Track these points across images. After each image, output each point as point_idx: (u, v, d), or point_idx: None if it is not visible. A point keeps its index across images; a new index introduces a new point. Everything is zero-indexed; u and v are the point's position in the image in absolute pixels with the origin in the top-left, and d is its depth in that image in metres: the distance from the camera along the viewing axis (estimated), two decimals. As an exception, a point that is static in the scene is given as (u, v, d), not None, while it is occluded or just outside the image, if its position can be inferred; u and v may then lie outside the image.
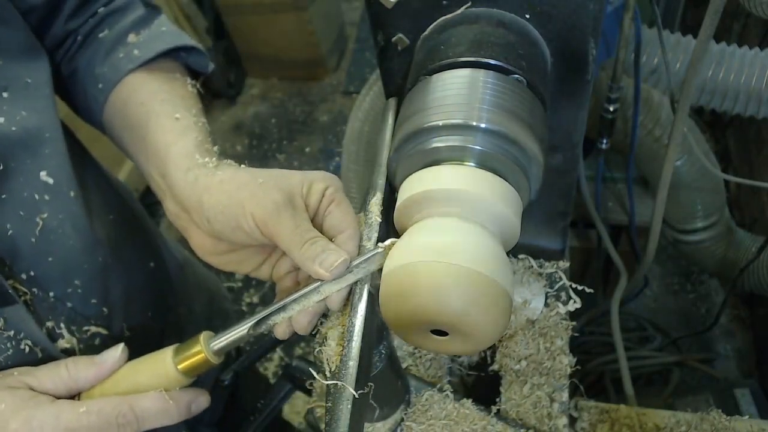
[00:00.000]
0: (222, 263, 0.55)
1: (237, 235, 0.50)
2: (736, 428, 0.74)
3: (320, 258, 0.46)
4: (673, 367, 1.51)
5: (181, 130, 0.56)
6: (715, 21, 0.67)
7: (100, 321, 0.61)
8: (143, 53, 0.61)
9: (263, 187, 0.49)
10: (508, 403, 0.71)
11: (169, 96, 0.59)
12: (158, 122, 0.57)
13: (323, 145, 2.64)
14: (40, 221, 0.54)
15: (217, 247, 0.53)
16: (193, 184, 0.52)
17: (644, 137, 1.17)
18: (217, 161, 0.54)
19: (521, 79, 0.48)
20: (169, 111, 0.57)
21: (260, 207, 0.48)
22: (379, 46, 0.57)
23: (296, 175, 0.51)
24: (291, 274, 0.55)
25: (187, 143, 0.55)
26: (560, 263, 0.79)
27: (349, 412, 0.41)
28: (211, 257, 0.54)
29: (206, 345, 0.50)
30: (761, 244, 1.31)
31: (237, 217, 0.48)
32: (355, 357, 0.43)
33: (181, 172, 0.53)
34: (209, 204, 0.50)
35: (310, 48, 2.74)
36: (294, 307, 0.48)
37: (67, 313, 0.58)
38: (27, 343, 0.53)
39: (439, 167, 0.46)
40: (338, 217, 0.50)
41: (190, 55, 0.66)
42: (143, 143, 0.57)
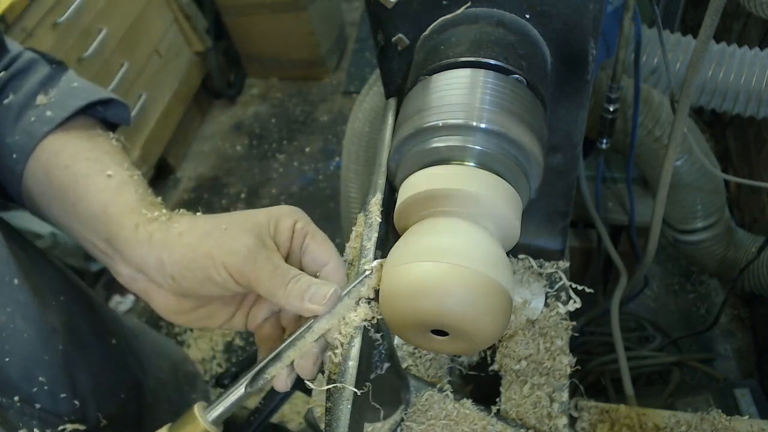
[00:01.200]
0: (191, 321, 0.51)
1: (207, 288, 0.46)
2: (736, 428, 0.74)
3: (309, 293, 0.43)
4: (673, 367, 1.51)
5: (117, 187, 0.51)
6: (715, 21, 0.67)
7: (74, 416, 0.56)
8: (57, 113, 0.54)
9: (230, 234, 0.45)
10: (508, 403, 0.71)
11: (94, 154, 0.53)
12: (89, 184, 0.51)
13: (323, 145, 2.64)
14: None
15: (184, 304, 0.49)
16: (147, 242, 0.47)
17: (644, 137, 1.17)
18: (168, 213, 0.49)
19: (521, 79, 0.48)
20: (98, 170, 0.52)
21: (232, 254, 0.44)
22: (379, 46, 0.57)
23: (260, 214, 0.47)
24: (270, 319, 0.52)
25: (127, 200, 0.50)
26: (560, 263, 0.79)
27: (349, 412, 0.41)
28: (177, 317, 0.50)
29: (202, 417, 0.46)
30: (761, 244, 1.31)
31: (206, 269, 0.45)
32: (355, 357, 0.43)
33: (129, 231, 0.48)
34: (171, 260, 0.46)
35: (310, 48, 2.75)
36: (290, 354, 0.45)
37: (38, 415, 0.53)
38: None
39: (439, 167, 0.46)
40: (317, 251, 0.47)
41: (108, 109, 0.60)
42: (75, 210, 0.51)
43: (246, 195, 2.50)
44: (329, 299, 0.43)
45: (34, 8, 1.72)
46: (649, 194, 1.36)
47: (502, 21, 0.50)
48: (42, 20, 1.76)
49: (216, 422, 0.46)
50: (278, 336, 0.51)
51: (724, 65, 1.06)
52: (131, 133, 2.22)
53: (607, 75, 1.10)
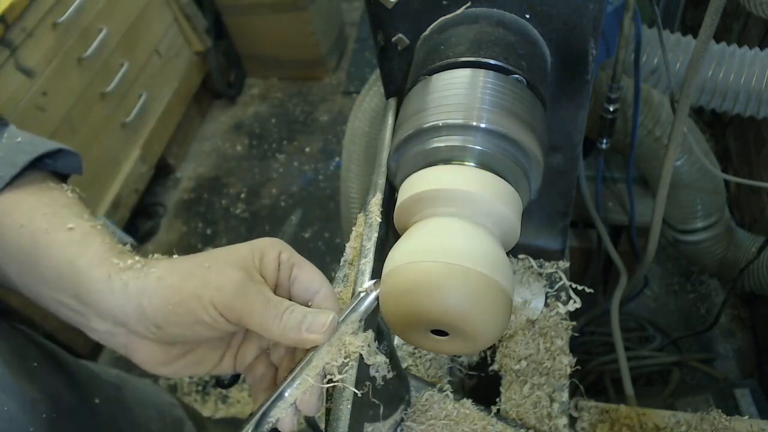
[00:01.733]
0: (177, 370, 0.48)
1: (196, 331, 0.44)
2: (736, 428, 0.74)
3: (306, 323, 0.42)
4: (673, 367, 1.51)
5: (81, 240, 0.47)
6: (715, 21, 0.67)
7: None
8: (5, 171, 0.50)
9: (214, 270, 0.43)
10: (508, 403, 0.71)
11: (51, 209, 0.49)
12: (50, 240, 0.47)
13: (323, 145, 2.64)
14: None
15: (170, 353, 0.47)
16: (122, 292, 0.44)
17: (644, 137, 1.17)
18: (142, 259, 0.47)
19: (521, 79, 0.48)
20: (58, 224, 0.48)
21: (219, 291, 0.42)
22: (379, 46, 0.57)
23: (243, 248, 0.46)
24: (260, 358, 0.50)
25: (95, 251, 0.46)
26: (560, 263, 0.79)
27: (349, 412, 0.41)
28: (163, 368, 0.47)
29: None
30: (761, 244, 1.31)
31: (194, 311, 0.43)
32: (355, 357, 0.43)
33: (101, 283, 0.45)
34: (153, 307, 0.43)
35: (310, 48, 2.75)
36: (293, 393, 0.43)
37: None
38: None
39: (439, 167, 0.46)
40: (306, 280, 0.46)
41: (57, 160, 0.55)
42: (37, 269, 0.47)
43: (246, 195, 2.50)
44: (328, 327, 0.42)
45: (34, 8, 1.72)
46: (649, 194, 1.36)
47: (502, 21, 0.50)
48: (42, 20, 1.76)
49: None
50: (271, 375, 0.49)
51: (724, 65, 1.06)
52: (131, 133, 2.23)
53: (607, 75, 1.10)
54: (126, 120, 2.17)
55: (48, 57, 1.80)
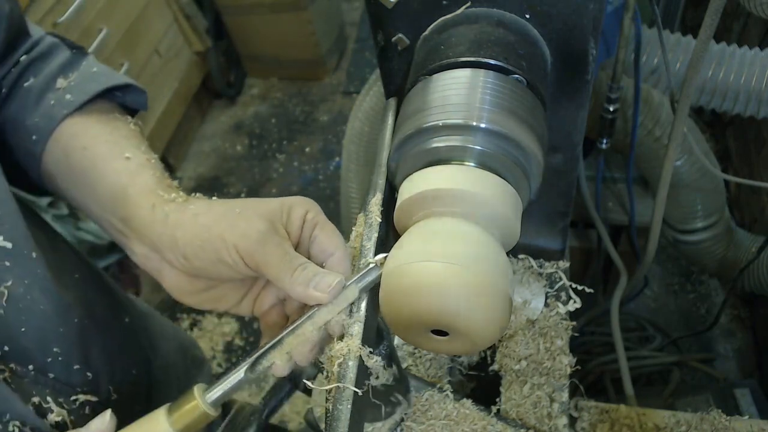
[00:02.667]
0: (200, 302, 0.52)
1: (218, 269, 0.47)
2: (736, 428, 0.74)
3: (314, 282, 0.44)
4: (673, 367, 1.51)
5: (135, 169, 0.53)
6: (715, 21, 0.67)
7: (86, 387, 0.58)
8: (76, 97, 0.56)
9: (243, 217, 0.47)
10: (508, 403, 0.71)
11: (113, 137, 0.55)
12: (107, 166, 0.53)
13: (323, 145, 2.64)
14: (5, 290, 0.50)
15: (195, 285, 0.51)
16: (163, 222, 0.49)
17: (644, 137, 1.17)
18: (184, 195, 0.51)
19: (521, 79, 0.48)
20: (117, 152, 0.54)
21: (243, 237, 0.46)
22: (379, 46, 0.57)
23: (274, 202, 0.49)
24: (276, 307, 0.53)
25: (145, 181, 0.52)
26: (560, 263, 0.79)
27: (349, 412, 0.41)
28: (187, 297, 0.51)
29: (201, 398, 0.47)
30: (761, 244, 1.31)
31: (218, 251, 0.46)
32: (355, 357, 0.43)
33: (144, 210, 0.50)
34: (185, 240, 0.47)
35: (310, 48, 2.75)
36: (290, 341, 0.46)
37: (51, 384, 0.54)
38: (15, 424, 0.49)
39: (439, 167, 0.46)
40: (325, 241, 0.48)
41: (126, 94, 0.61)
42: (93, 190, 0.53)
43: (246, 195, 2.50)
44: (333, 288, 0.44)
45: (34, 8, 1.72)
46: (649, 194, 1.36)
47: (502, 21, 0.50)
48: (42, 20, 1.76)
49: (215, 404, 0.47)
50: (282, 324, 0.52)
51: (724, 65, 1.06)
52: (131, 133, 2.22)
53: (607, 75, 1.10)
54: (126, 120, 2.17)
55: (48, 57, 1.80)
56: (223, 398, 0.47)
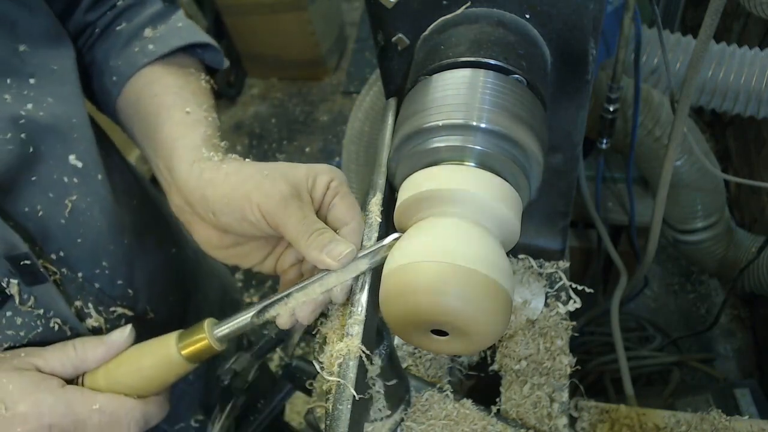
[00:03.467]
0: (226, 257, 0.55)
1: (243, 226, 0.50)
2: (736, 428, 0.74)
3: (328, 248, 0.46)
4: (673, 367, 1.52)
5: (191, 124, 0.57)
6: (715, 21, 0.67)
7: (125, 302, 0.63)
8: (158, 48, 0.61)
9: (269, 179, 0.49)
10: (508, 403, 0.71)
11: (181, 90, 0.60)
12: (169, 115, 0.57)
13: (323, 145, 2.64)
14: (69, 203, 0.55)
15: (223, 240, 0.54)
16: (197, 178, 0.52)
17: (644, 137, 1.17)
18: (222, 156, 0.55)
19: (521, 79, 0.48)
20: (181, 104, 0.58)
21: (267, 198, 0.48)
22: (379, 46, 0.57)
23: (302, 168, 0.51)
24: (295, 266, 0.55)
25: (195, 137, 0.55)
26: (560, 263, 0.79)
27: (349, 412, 0.41)
28: (215, 251, 0.55)
29: (210, 332, 0.51)
30: (761, 244, 1.31)
31: (243, 209, 0.49)
32: (355, 357, 0.43)
33: (185, 164, 0.53)
34: (214, 197, 0.50)
35: (310, 48, 2.75)
36: (298, 297, 0.48)
37: (95, 293, 0.59)
38: (56, 321, 0.54)
39: (439, 167, 0.46)
40: (342, 210, 0.50)
41: (206, 52, 0.66)
42: (153, 135, 0.57)
43: (246, 195, 2.50)
44: (344, 257, 0.46)
45: (34, 8, 1.72)
46: (649, 194, 1.36)
47: (502, 21, 0.50)
48: (42, 20, 1.76)
49: (221, 340, 0.51)
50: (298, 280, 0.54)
51: (724, 65, 1.06)
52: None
53: (607, 75, 1.10)
54: (126, 120, 2.17)
55: (48, 57, 1.80)
56: (229, 336, 0.51)
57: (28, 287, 0.52)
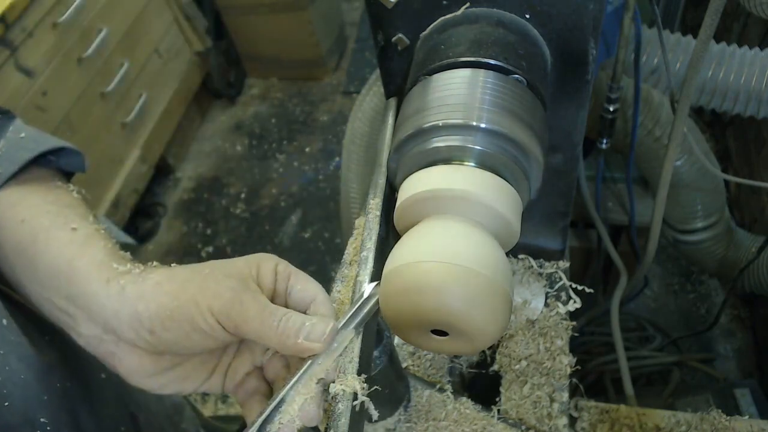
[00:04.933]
0: (163, 384, 0.47)
1: (191, 339, 0.43)
2: (736, 428, 0.74)
3: (304, 331, 0.41)
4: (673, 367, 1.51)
5: (84, 241, 0.47)
6: (715, 21, 0.67)
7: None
8: (5, 168, 0.50)
9: (212, 278, 0.43)
10: (508, 403, 0.71)
11: (55, 207, 0.49)
12: (51, 238, 0.47)
13: (323, 145, 2.64)
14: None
15: (158, 364, 0.45)
16: (119, 297, 0.43)
17: (644, 137, 1.17)
18: (141, 265, 0.46)
19: (521, 79, 0.48)
20: (62, 223, 0.48)
21: (217, 298, 0.42)
22: (379, 46, 0.57)
23: (239, 261, 0.45)
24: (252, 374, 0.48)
25: (95, 254, 0.46)
26: (560, 263, 0.79)
27: (348, 412, 0.41)
28: (149, 379, 0.46)
29: None
30: (761, 244, 1.31)
31: (191, 318, 0.42)
32: (355, 357, 0.43)
33: (98, 286, 0.44)
34: (150, 312, 0.42)
35: (310, 48, 2.74)
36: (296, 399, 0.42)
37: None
38: None
39: (439, 167, 0.46)
40: (303, 288, 0.45)
41: (60, 157, 0.55)
42: (33, 266, 0.47)
43: (246, 195, 2.50)
44: (328, 335, 0.42)
45: (34, 8, 1.72)
46: (649, 194, 1.36)
47: (502, 21, 0.50)
48: (42, 20, 1.76)
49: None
50: (265, 391, 0.48)
51: (724, 65, 1.06)
52: (131, 133, 2.23)
53: (607, 75, 1.10)
54: (126, 120, 2.17)
55: (48, 57, 1.80)
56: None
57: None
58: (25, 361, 0.50)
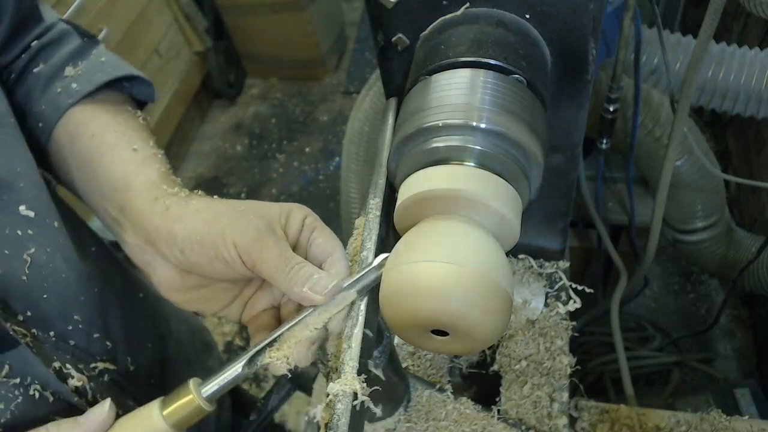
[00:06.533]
0: (188, 300, 0.51)
1: (214, 266, 0.47)
2: (736, 428, 0.74)
3: (311, 282, 0.44)
4: (673, 367, 1.52)
5: (142, 162, 0.53)
6: (715, 21, 0.67)
7: (105, 356, 0.59)
8: (82, 86, 0.56)
9: (243, 215, 0.47)
10: (508, 403, 0.71)
11: (122, 128, 0.56)
12: (114, 154, 0.53)
13: (323, 145, 2.64)
14: (29, 258, 0.51)
15: (186, 281, 0.50)
16: (163, 214, 0.48)
17: (644, 137, 1.17)
18: (187, 191, 0.51)
19: (521, 79, 0.48)
20: (125, 142, 0.54)
21: (242, 235, 0.46)
22: (379, 46, 0.57)
23: (275, 206, 0.49)
24: (268, 312, 0.52)
25: (150, 174, 0.52)
26: (560, 263, 0.79)
27: (348, 412, 0.41)
28: (176, 294, 0.51)
29: (197, 392, 0.46)
30: (761, 244, 1.31)
31: (216, 247, 0.46)
32: (355, 357, 0.43)
33: (145, 202, 0.50)
34: (184, 234, 0.47)
35: (310, 48, 2.75)
36: (289, 339, 0.45)
37: (72, 351, 0.55)
38: (36, 388, 0.50)
39: (439, 167, 0.46)
40: (323, 243, 0.48)
41: (134, 85, 0.61)
42: (95, 177, 0.53)
43: (246, 195, 2.50)
44: (330, 291, 0.44)
45: (34, 8, 1.72)
46: (649, 194, 1.36)
47: (502, 21, 0.50)
48: (42, 20, 1.76)
49: (210, 399, 0.46)
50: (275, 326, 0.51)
51: (724, 65, 1.06)
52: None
53: (607, 75, 1.10)
54: (126, 120, 2.17)
55: (48, 57, 1.80)
56: (218, 393, 0.47)
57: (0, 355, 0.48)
58: (69, 263, 0.55)
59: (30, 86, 0.57)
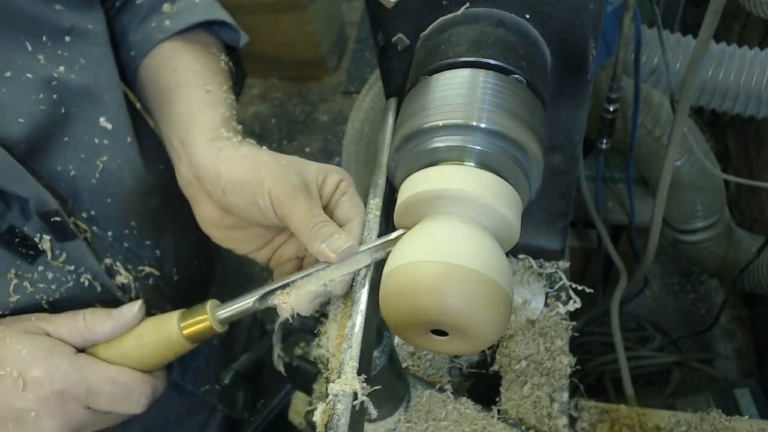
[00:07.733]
0: (223, 238, 0.56)
1: (250, 210, 0.51)
2: (736, 428, 0.74)
3: (329, 240, 0.47)
4: (673, 367, 1.52)
5: (210, 103, 0.58)
6: (715, 21, 0.67)
7: (153, 262, 0.65)
8: (174, 24, 0.62)
9: (284, 169, 0.50)
10: (508, 403, 0.71)
11: (202, 68, 0.61)
12: (188, 91, 0.58)
13: (323, 145, 2.64)
14: (100, 164, 0.57)
15: (223, 220, 0.55)
16: (214, 155, 0.53)
17: (644, 137, 1.17)
18: (241, 138, 0.56)
19: (521, 79, 0.48)
20: (201, 82, 0.59)
21: (278, 186, 0.49)
22: (379, 46, 0.57)
23: (314, 165, 0.53)
24: (293, 261, 0.56)
25: (214, 116, 0.57)
26: (560, 263, 0.79)
27: (348, 412, 0.41)
28: (214, 230, 0.56)
29: (212, 313, 0.51)
30: (761, 244, 1.31)
31: (254, 193, 0.50)
32: (355, 357, 0.43)
33: (202, 140, 0.54)
34: (228, 176, 0.51)
35: (310, 48, 2.75)
36: (300, 286, 0.49)
37: (124, 252, 0.61)
38: (87, 277, 0.56)
39: (439, 167, 0.46)
40: (348, 208, 0.51)
41: (222, 30, 0.68)
42: (169, 108, 0.58)
43: (246, 195, 2.49)
44: (343, 251, 0.47)
45: (34, 8, 1.72)
46: (649, 194, 1.36)
47: (502, 21, 0.50)
48: (42, 20, 1.76)
49: (222, 322, 0.52)
50: None
51: (724, 65, 1.06)
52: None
53: (607, 75, 1.10)
54: (126, 120, 2.17)
55: (48, 57, 1.80)
56: (230, 318, 0.52)
57: (60, 243, 0.54)
58: (135, 175, 0.61)
59: (131, 16, 0.64)
